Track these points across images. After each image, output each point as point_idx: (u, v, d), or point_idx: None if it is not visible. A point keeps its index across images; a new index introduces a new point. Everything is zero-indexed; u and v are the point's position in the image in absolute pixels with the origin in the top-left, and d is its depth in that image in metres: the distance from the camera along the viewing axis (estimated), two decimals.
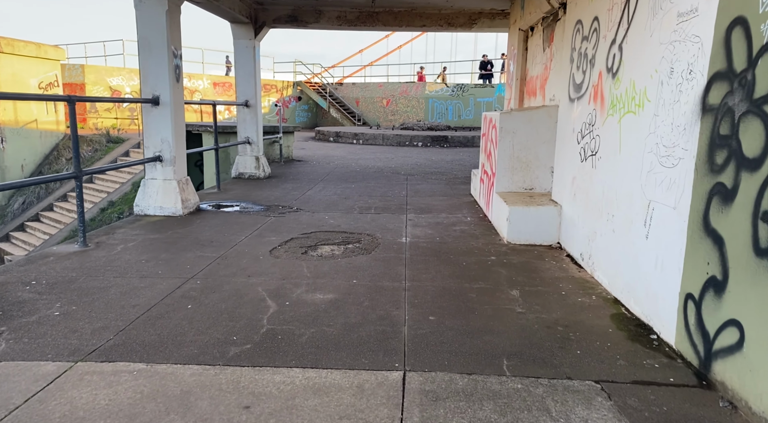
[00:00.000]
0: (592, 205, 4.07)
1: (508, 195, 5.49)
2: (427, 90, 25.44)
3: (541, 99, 6.29)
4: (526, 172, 5.66)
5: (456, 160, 12.67)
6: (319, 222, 5.82)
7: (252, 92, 9.07)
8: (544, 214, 4.90)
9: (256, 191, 7.89)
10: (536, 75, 6.57)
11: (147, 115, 5.92)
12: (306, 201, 7.09)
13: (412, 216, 6.21)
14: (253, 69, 9.00)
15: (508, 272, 4.09)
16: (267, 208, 6.55)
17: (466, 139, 17.51)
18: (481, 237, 5.22)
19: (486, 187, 6.34)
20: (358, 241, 5.01)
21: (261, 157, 9.31)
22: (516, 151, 5.62)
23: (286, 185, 8.51)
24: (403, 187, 8.43)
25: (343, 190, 8.12)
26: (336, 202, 7.01)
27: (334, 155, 13.66)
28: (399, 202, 7.14)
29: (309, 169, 10.60)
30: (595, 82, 4.10)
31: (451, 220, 6.02)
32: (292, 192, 7.85)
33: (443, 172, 10.48)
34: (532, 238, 4.94)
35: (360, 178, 9.39)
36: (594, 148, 4.07)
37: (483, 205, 6.55)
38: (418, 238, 5.16)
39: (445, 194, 7.81)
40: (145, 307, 3.25)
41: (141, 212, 6.01)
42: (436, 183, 8.96)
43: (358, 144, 17.95)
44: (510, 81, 7.79)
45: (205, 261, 4.27)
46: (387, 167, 11.08)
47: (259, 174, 9.24)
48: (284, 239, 5.03)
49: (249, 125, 9.20)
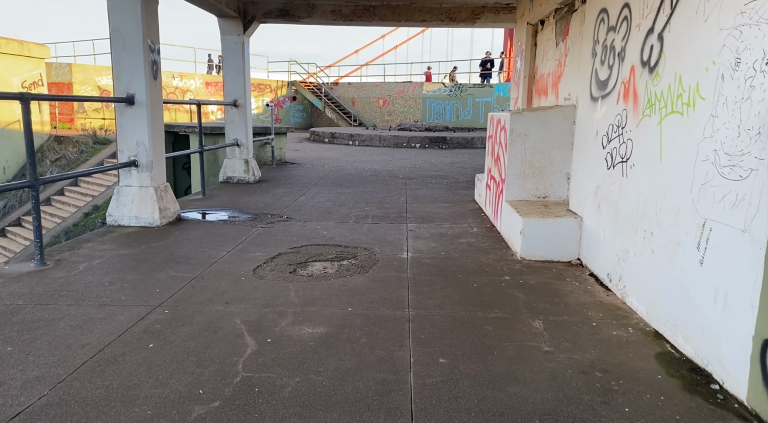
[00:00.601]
0: (622, 220, 3.54)
1: (519, 204, 4.96)
2: (425, 90, 24.93)
3: (553, 98, 5.77)
4: (539, 178, 5.13)
5: (456, 163, 12.15)
6: (311, 233, 5.27)
7: (241, 91, 8.52)
8: (563, 227, 4.37)
9: (245, 197, 7.33)
10: (547, 72, 6.05)
11: (121, 115, 5.36)
12: (297, 208, 6.54)
13: (413, 226, 5.68)
14: (242, 67, 8.45)
15: (526, 296, 3.55)
16: (255, 217, 6.00)
17: (465, 140, 17.00)
18: (491, 251, 4.69)
19: (493, 194, 5.81)
20: (353, 257, 4.47)
21: (251, 160, 8.76)
22: (528, 155, 5.09)
23: (277, 190, 7.96)
24: (402, 193, 7.90)
25: (337, 195, 7.57)
26: (330, 210, 6.46)
27: (329, 157, 13.11)
28: (398, 209, 6.60)
29: (302, 173, 10.05)
30: (626, 78, 3.57)
31: (455, 230, 5.48)
32: (283, 198, 7.30)
33: (443, 175, 9.95)
34: (549, 254, 4.41)
35: (356, 183, 8.85)
36: (625, 154, 3.54)
37: (490, 214, 6.02)
38: (421, 252, 4.62)
39: (447, 201, 7.28)
40: (97, 348, 2.70)
41: (114, 223, 5.45)
42: (437, 188, 8.43)
43: (354, 145, 17.41)
44: (517, 79, 7.27)
45: (178, 283, 3.72)
46: (384, 170, 10.55)
47: (249, 178, 8.68)
48: (271, 255, 4.48)
49: (238, 126, 8.64)
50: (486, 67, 24.84)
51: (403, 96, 25.43)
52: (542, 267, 4.24)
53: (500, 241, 5.07)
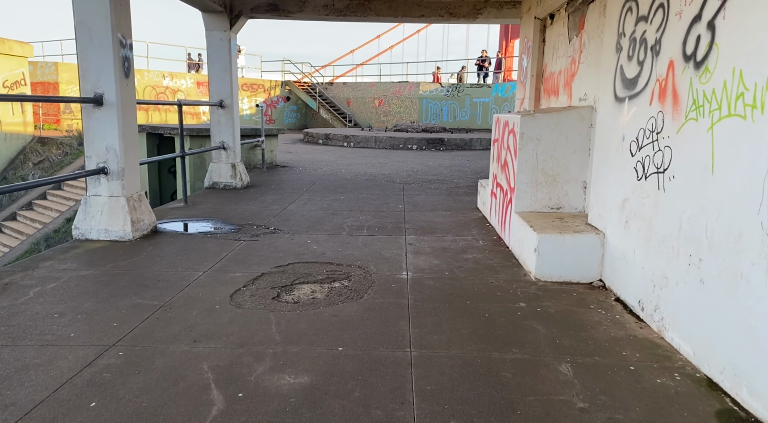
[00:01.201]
0: (659, 240, 3.04)
1: (531, 217, 4.46)
2: (421, 90, 24.45)
3: (565, 99, 5.27)
4: (553, 187, 4.63)
5: (455, 166, 11.65)
6: (300, 248, 4.75)
7: (227, 91, 7.98)
8: (583, 245, 3.86)
9: (230, 205, 6.80)
10: (558, 70, 5.55)
11: (88, 117, 4.82)
12: (286, 218, 6.02)
13: (413, 238, 5.16)
14: (228, 65, 7.91)
15: (547, 329, 3.05)
16: (238, 229, 5.47)
17: (464, 141, 16.51)
18: (500, 270, 4.18)
19: (500, 203, 5.30)
20: (346, 278, 3.95)
21: (238, 164, 8.22)
22: (540, 162, 4.59)
23: (265, 197, 7.43)
24: (400, 199, 7.39)
25: (330, 203, 7.05)
26: (321, 220, 5.94)
27: (323, 160, 12.59)
28: (396, 218, 6.09)
29: (294, 177, 9.52)
30: (662, 75, 3.07)
31: (459, 244, 4.98)
32: (271, 206, 6.77)
33: (443, 179, 9.44)
34: (568, 274, 3.91)
35: (350, 188, 8.33)
36: (661, 164, 3.04)
37: (496, 225, 5.52)
38: (423, 271, 4.11)
39: (448, 208, 6.77)
40: (23, 410, 2.17)
41: (81, 236, 4.92)
42: (436, 193, 7.92)
43: (348, 147, 16.89)
44: (523, 78, 6.77)
45: (141, 313, 3.19)
46: (380, 174, 10.03)
47: (236, 183, 8.15)
48: (253, 275, 3.96)
49: (224, 128, 8.11)
50: (483, 66, 24.37)
51: (399, 96, 24.93)
52: (560, 290, 3.73)
53: (510, 257, 4.57)
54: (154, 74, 22.52)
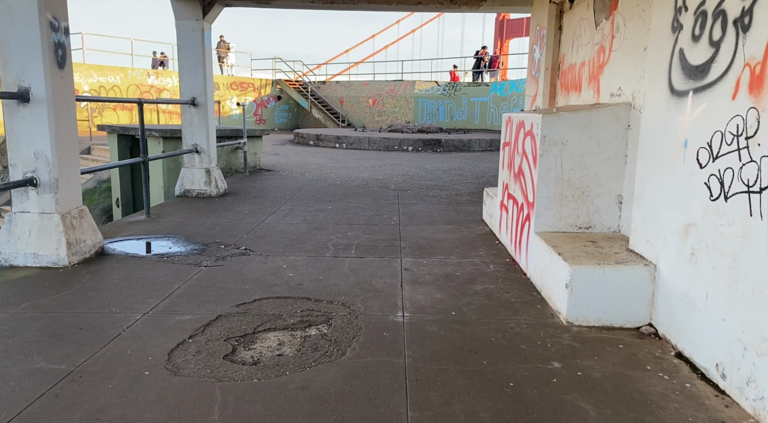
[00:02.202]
0: (751, 286, 2.20)
1: (556, 239, 3.61)
2: (417, 89, 23.61)
3: (591, 95, 4.43)
4: (581, 202, 3.78)
5: (454, 169, 10.80)
6: (272, 276, 3.89)
7: (200, 87, 7.10)
8: (629, 279, 3.02)
9: (200, 218, 5.92)
10: (581, 62, 4.71)
11: (11, 117, 3.93)
12: (262, 234, 5.15)
13: (410, 261, 4.31)
14: (201, 58, 7.04)
15: (598, 411, 2.20)
16: (202, 250, 4.60)
17: (462, 142, 15.68)
18: (521, 308, 3.33)
19: (514, 219, 4.46)
20: (326, 321, 3.09)
21: (213, 170, 7.34)
22: (566, 171, 3.75)
23: (242, 207, 6.56)
24: (394, 210, 6.53)
25: (315, 214, 6.19)
26: (303, 237, 5.08)
27: (312, 163, 11.71)
28: (389, 234, 5.23)
29: (277, 183, 8.65)
30: (755, 57, 2.23)
31: (466, 269, 4.12)
32: (247, 218, 5.90)
33: (441, 185, 8.59)
34: (609, 317, 3.06)
35: (339, 196, 7.47)
36: (754, 181, 2.20)
37: (508, 243, 4.67)
38: (423, 310, 3.26)
39: (449, 221, 5.92)
40: None
41: (4, 262, 4.03)
42: (435, 202, 7.07)
43: (340, 148, 16.03)
44: (534, 72, 5.93)
45: (36, 387, 2.32)
46: (373, 179, 9.17)
47: (211, 191, 7.27)
48: (205, 319, 3.09)
49: (197, 129, 7.23)
50: (480, 64, 23.56)
51: (394, 95, 24.08)
52: (602, 340, 2.88)
53: (529, 288, 3.72)
54: (139, 72, 21.60)
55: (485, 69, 23.48)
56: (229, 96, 24.46)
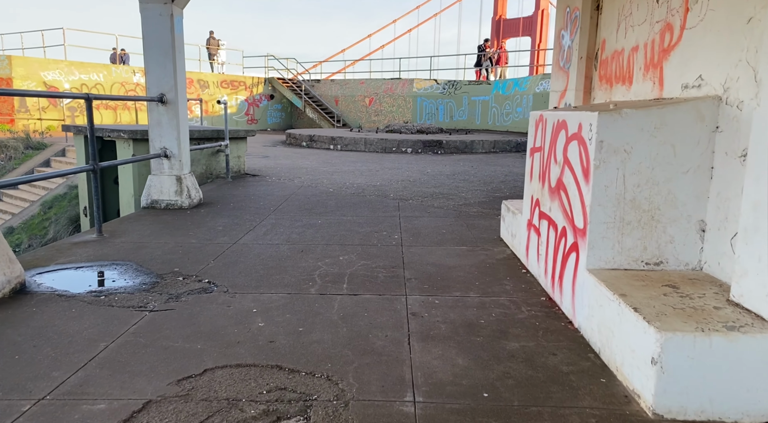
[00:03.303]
0: None
1: (620, 280, 2.65)
2: (415, 87, 22.66)
3: (650, 87, 3.47)
4: (649, 230, 2.83)
5: (458, 174, 9.84)
6: (236, 328, 2.91)
7: (170, 82, 6.12)
8: (751, 355, 2.06)
9: (162, 236, 4.94)
10: (632, 46, 3.75)
11: None
12: (233, 260, 4.18)
13: (418, 301, 3.35)
14: (170, 48, 6.05)
15: None
16: (154, 284, 3.62)
17: (464, 144, 14.73)
18: (578, 383, 2.37)
19: (549, 246, 3.50)
20: (302, 412, 2.12)
21: (185, 177, 6.36)
22: (629, 188, 2.79)
23: (216, 222, 5.58)
24: (395, 224, 5.56)
25: (302, 231, 5.21)
26: (284, 263, 4.11)
27: (303, 167, 10.73)
28: (390, 259, 4.27)
29: (262, 191, 7.66)
30: None
31: (492, 313, 3.16)
32: (219, 237, 4.92)
33: (447, 193, 7.63)
34: (717, 408, 2.10)
35: (331, 207, 6.49)
36: None
37: (540, 275, 3.71)
38: (442, 390, 2.29)
39: (461, 240, 4.95)
40: None
41: None
42: (442, 215, 6.10)
43: (335, 150, 15.05)
44: (562, 62, 4.97)
45: None
46: (370, 186, 8.20)
47: (182, 202, 6.28)
48: (126, 411, 2.11)
49: (166, 130, 6.24)
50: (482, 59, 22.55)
51: (392, 94, 23.12)
52: None
53: (581, 345, 2.75)
54: (123, 70, 20.58)
55: (490, 65, 22.47)
56: (220, 94, 23.45)
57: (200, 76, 22.91)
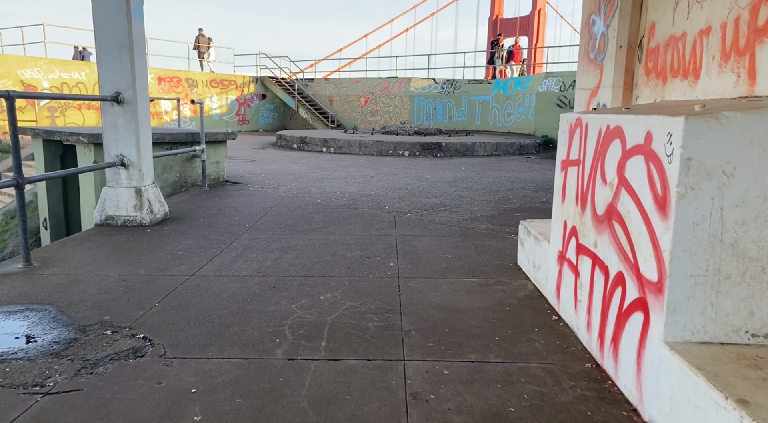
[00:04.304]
0: None
1: (722, 364, 1.77)
2: (413, 87, 21.78)
3: (734, 81, 2.58)
4: (757, 286, 1.95)
5: (461, 180, 8.97)
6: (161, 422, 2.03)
7: (127, 78, 5.22)
8: None
9: (107, 265, 4.05)
10: (699, 28, 2.87)
11: None
12: (185, 302, 3.29)
13: (420, 371, 2.47)
14: (127, 38, 5.15)
15: None
16: (68, 344, 2.72)
17: (465, 146, 13.86)
18: None
19: (597, 295, 2.61)
20: None
21: (147, 189, 5.46)
22: (730, 227, 1.91)
23: (178, 244, 4.69)
24: (391, 246, 4.68)
25: (279, 256, 4.33)
26: (248, 307, 3.22)
27: (291, 172, 9.84)
28: (384, 298, 3.38)
29: (241, 202, 6.77)
30: None
31: (524, 393, 2.28)
32: (176, 266, 4.03)
33: (449, 204, 6.75)
34: None
35: (317, 223, 5.60)
36: None
37: (581, 328, 2.83)
38: None
39: (471, 268, 4.07)
40: None
41: None
42: (446, 233, 5.22)
43: (327, 153, 14.16)
44: (593, 53, 4.09)
45: None
46: (363, 196, 7.31)
47: (143, 218, 5.38)
48: None
49: (123, 135, 5.34)
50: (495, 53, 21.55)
51: (388, 94, 22.23)
52: None
53: None
54: None
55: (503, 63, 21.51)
56: (209, 94, 22.54)
57: (189, 74, 21.99)
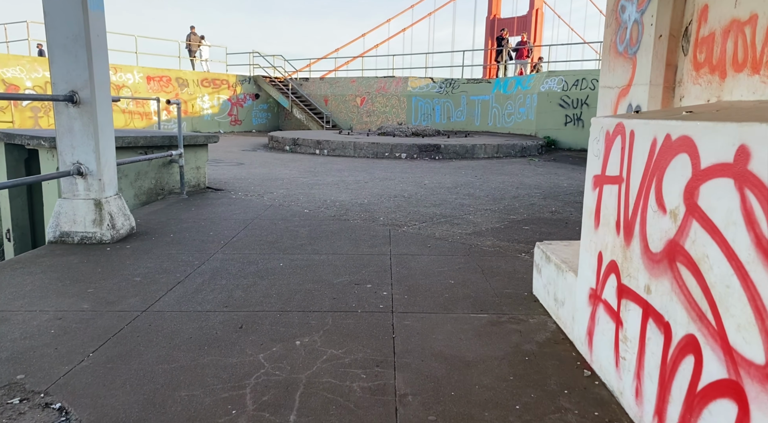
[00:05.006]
0: None
1: None
2: (410, 86, 21.16)
3: None
4: None
5: (461, 186, 8.33)
6: None
7: (83, 75, 4.58)
8: None
9: (44, 298, 3.40)
10: None
11: None
12: (124, 353, 2.65)
13: None
14: (83, 29, 4.51)
15: None
16: None
17: (464, 148, 13.24)
18: None
19: (654, 358, 1.97)
20: None
21: (108, 202, 4.81)
22: None
23: (137, 267, 4.04)
24: (384, 268, 4.05)
25: (252, 284, 3.69)
26: (203, 358, 2.58)
27: (280, 177, 9.19)
28: (375, 347, 2.75)
29: (220, 213, 6.12)
30: None
31: None
32: (127, 298, 3.39)
33: (450, 215, 6.12)
34: None
35: (302, 239, 4.96)
36: None
37: (625, 393, 2.19)
38: None
39: (478, 299, 3.43)
40: None
41: None
42: (447, 251, 4.59)
43: (321, 155, 13.52)
44: (622, 45, 3.46)
45: None
46: (355, 205, 6.67)
47: (103, 234, 4.74)
48: None
49: (80, 140, 4.69)
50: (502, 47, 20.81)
51: (385, 93, 21.59)
52: None
53: None
54: None
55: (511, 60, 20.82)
56: (200, 94, 21.87)
57: (179, 73, 21.32)
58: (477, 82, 20.30)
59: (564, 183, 9.11)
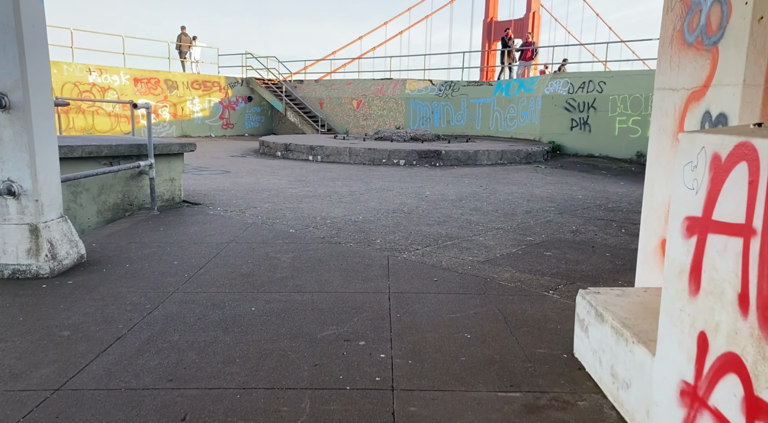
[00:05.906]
0: None
1: None
2: (408, 89, 20.34)
3: None
4: None
5: (466, 198, 7.51)
6: None
7: (14, 74, 3.74)
8: None
9: None
10: None
11: None
12: None
13: None
14: (12, 18, 3.68)
15: None
16: None
17: (466, 155, 12.43)
18: None
19: None
20: None
21: (49, 227, 3.97)
22: None
23: (72, 314, 3.20)
24: (382, 318, 3.22)
25: (212, 341, 2.85)
26: None
27: (267, 188, 8.36)
28: None
29: (192, 234, 5.28)
30: None
31: None
32: (40, 369, 2.55)
33: (457, 235, 5.29)
34: None
35: (283, 269, 4.13)
36: None
37: None
38: None
39: (502, 368, 2.61)
40: None
41: None
42: (458, 289, 3.76)
43: (314, 161, 12.69)
44: (692, 35, 2.64)
45: None
46: (349, 223, 5.84)
47: (41, 266, 3.89)
48: None
49: (10, 152, 3.85)
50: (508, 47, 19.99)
51: (382, 96, 20.78)
52: None
53: None
54: (78, 68, 18.08)
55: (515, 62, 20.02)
56: (190, 96, 21.02)
57: (168, 75, 20.47)
58: (478, 85, 19.50)
59: (578, 194, 8.31)
